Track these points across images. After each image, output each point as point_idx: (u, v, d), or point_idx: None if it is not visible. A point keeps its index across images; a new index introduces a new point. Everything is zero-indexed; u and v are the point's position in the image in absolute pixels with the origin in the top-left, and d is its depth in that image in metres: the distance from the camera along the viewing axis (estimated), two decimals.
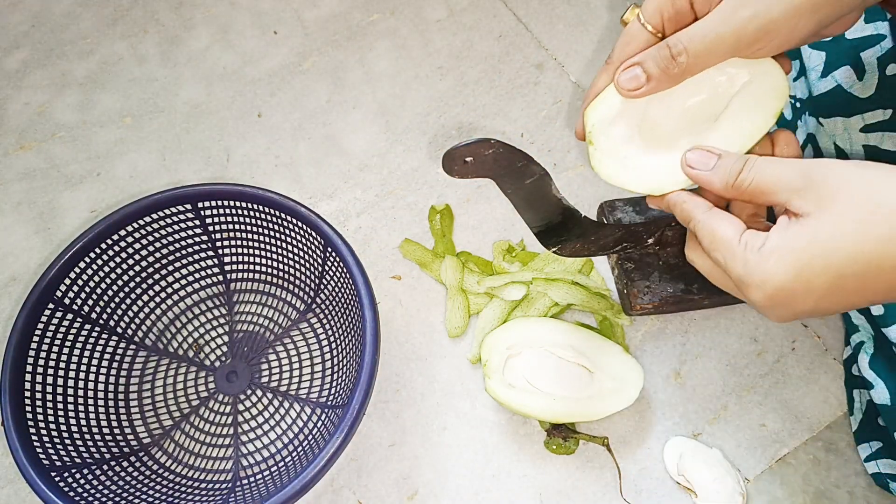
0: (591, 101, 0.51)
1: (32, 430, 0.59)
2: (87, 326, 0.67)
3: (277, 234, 0.69)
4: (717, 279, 0.47)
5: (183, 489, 0.64)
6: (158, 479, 0.65)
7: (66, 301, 0.64)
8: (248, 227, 0.70)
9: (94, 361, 0.68)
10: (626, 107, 0.50)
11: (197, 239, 0.71)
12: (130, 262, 0.69)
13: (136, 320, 0.71)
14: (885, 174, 0.39)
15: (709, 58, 0.46)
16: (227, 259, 0.73)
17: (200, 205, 0.67)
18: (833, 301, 0.41)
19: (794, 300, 0.41)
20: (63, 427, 0.62)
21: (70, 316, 0.65)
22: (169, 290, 0.73)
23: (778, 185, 0.42)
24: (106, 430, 0.66)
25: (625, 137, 0.50)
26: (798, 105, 0.73)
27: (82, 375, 0.66)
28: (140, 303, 0.71)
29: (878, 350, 0.64)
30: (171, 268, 0.72)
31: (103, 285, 0.67)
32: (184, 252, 0.71)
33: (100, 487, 0.60)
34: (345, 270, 0.63)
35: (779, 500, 0.65)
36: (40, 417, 0.61)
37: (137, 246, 0.68)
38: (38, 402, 0.61)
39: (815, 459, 0.67)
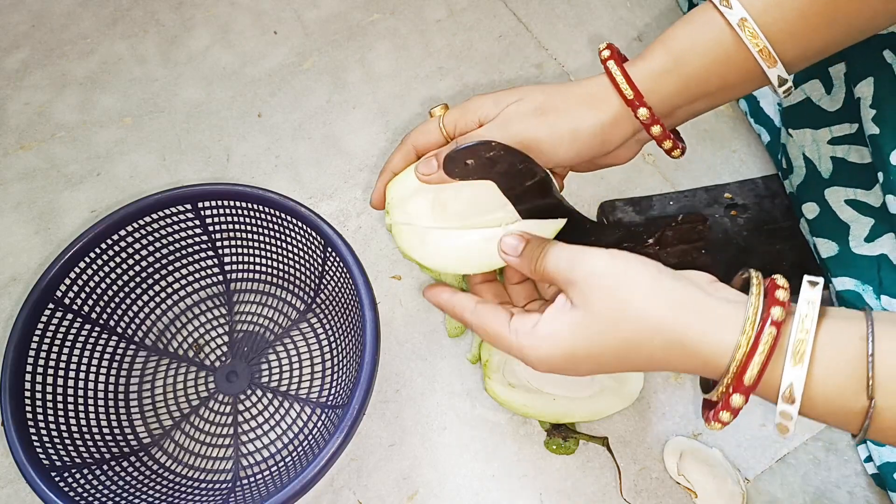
0: (387, 176, 0.58)
1: (32, 430, 0.59)
2: (87, 326, 0.67)
3: (277, 234, 0.69)
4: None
5: (183, 489, 0.64)
6: (158, 479, 0.65)
7: (66, 301, 0.64)
8: (248, 227, 0.70)
9: (94, 361, 0.68)
10: (422, 188, 0.55)
11: (197, 239, 0.71)
12: (130, 262, 0.69)
13: (136, 320, 0.71)
14: (639, 283, 0.45)
15: None
16: (227, 259, 0.73)
17: (200, 205, 0.67)
18: (600, 372, 0.48)
19: (563, 372, 0.48)
20: (63, 427, 0.62)
21: (70, 316, 0.65)
22: (169, 290, 0.73)
23: (557, 276, 0.48)
24: (106, 430, 0.66)
25: (417, 213, 0.56)
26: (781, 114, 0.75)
27: (82, 375, 0.66)
28: (140, 303, 0.71)
29: None
30: (171, 268, 0.72)
31: (103, 285, 0.67)
32: (184, 252, 0.71)
33: (100, 487, 0.60)
34: (345, 270, 0.63)
35: (779, 500, 0.65)
36: (40, 417, 0.61)
37: (137, 246, 0.68)
38: (38, 402, 0.61)
39: (815, 459, 0.67)
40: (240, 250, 0.72)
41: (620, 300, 0.45)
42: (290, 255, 0.71)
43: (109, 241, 0.66)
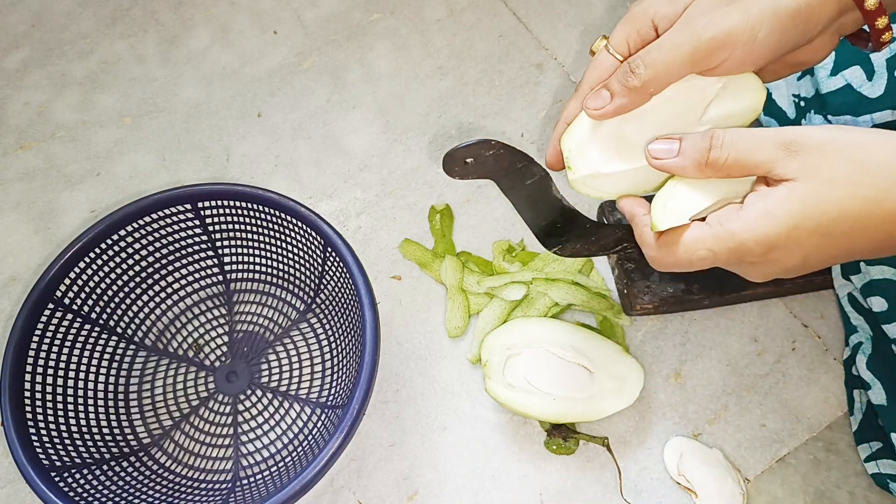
0: (561, 127, 0.51)
1: (32, 430, 0.59)
2: (87, 326, 0.67)
3: (277, 234, 0.69)
4: (711, 265, 0.46)
5: (183, 489, 0.64)
6: (158, 480, 0.65)
7: (66, 301, 0.64)
8: (248, 227, 0.70)
9: (94, 361, 0.68)
10: (600, 130, 0.50)
11: (197, 239, 0.71)
12: (130, 262, 0.69)
13: (136, 320, 0.71)
14: (869, 136, 0.40)
15: (667, 68, 0.45)
16: (226, 259, 0.73)
17: (200, 205, 0.67)
18: (819, 257, 0.42)
19: (786, 255, 0.42)
20: (63, 427, 0.62)
21: (70, 316, 0.65)
22: (169, 290, 0.73)
23: (758, 157, 0.42)
24: (106, 431, 0.66)
25: (602, 159, 0.50)
26: (802, 104, 0.73)
27: (82, 375, 0.66)
28: (140, 303, 0.71)
29: (876, 351, 0.64)
30: (170, 268, 0.72)
31: (103, 285, 0.67)
32: (184, 252, 0.71)
33: (99, 487, 0.60)
34: (345, 270, 0.63)
35: (779, 500, 0.65)
36: (40, 417, 0.61)
37: (137, 246, 0.68)
38: (38, 402, 0.61)
39: (816, 459, 0.67)
40: (240, 250, 0.72)
41: (855, 158, 0.40)
42: (290, 255, 0.71)
43: (109, 241, 0.66)
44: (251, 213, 0.68)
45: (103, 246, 0.66)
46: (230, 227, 0.70)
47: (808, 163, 0.40)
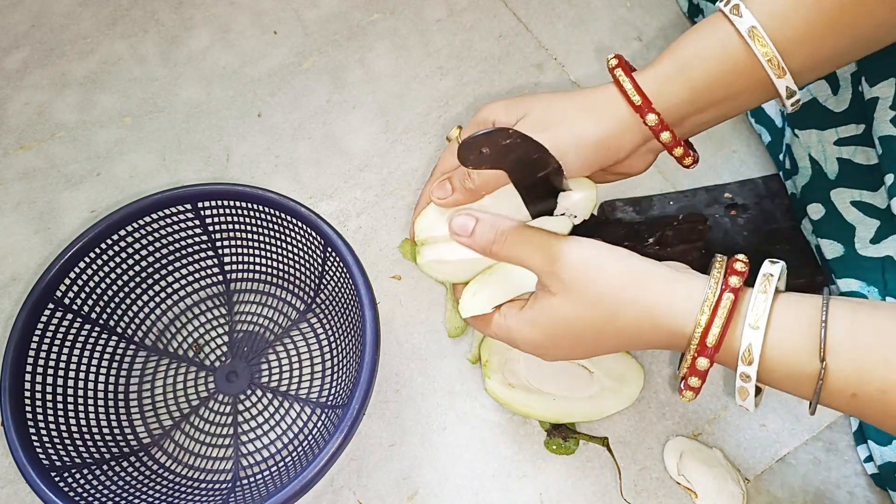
0: (422, 207, 0.60)
1: (32, 430, 0.59)
2: (87, 326, 0.67)
3: (277, 234, 0.69)
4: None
5: (183, 489, 0.64)
6: (158, 480, 0.65)
7: (66, 301, 0.64)
8: (248, 227, 0.70)
9: (94, 361, 0.68)
10: (447, 215, 0.58)
11: (197, 239, 0.71)
12: (130, 262, 0.69)
13: (136, 320, 0.71)
14: (609, 267, 0.50)
15: (495, 179, 0.56)
16: (226, 259, 0.73)
17: (200, 205, 0.67)
18: (577, 353, 0.54)
19: (549, 353, 0.55)
20: (63, 427, 0.62)
21: (70, 316, 0.65)
22: (169, 290, 0.73)
23: (530, 262, 0.52)
24: (106, 430, 0.66)
25: (447, 247, 0.58)
26: (784, 113, 0.75)
27: (82, 375, 0.66)
28: (140, 303, 0.71)
29: None
30: (170, 268, 0.72)
31: (103, 285, 0.67)
32: (184, 252, 0.71)
33: (100, 487, 0.60)
34: (345, 270, 0.63)
35: (779, 501, 0.65)
36: (40, 417, 0.61)
37: (137, 246, 0.68)
38: (38, 402, 0.61)
39: (815, 459, 0.67)
40: (240, 250, 0.72)
41: (596, 282, 0.50)
42: (290, 255, 0.71)
43: (109, 241, 0.66)
44: (251, 213, 0.68)
45: (103, 246, 0.66)
46: (230, 227, 0.70)
47: (564, 284, 0.50)
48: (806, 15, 0.48)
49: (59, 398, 0.64)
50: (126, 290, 0.70)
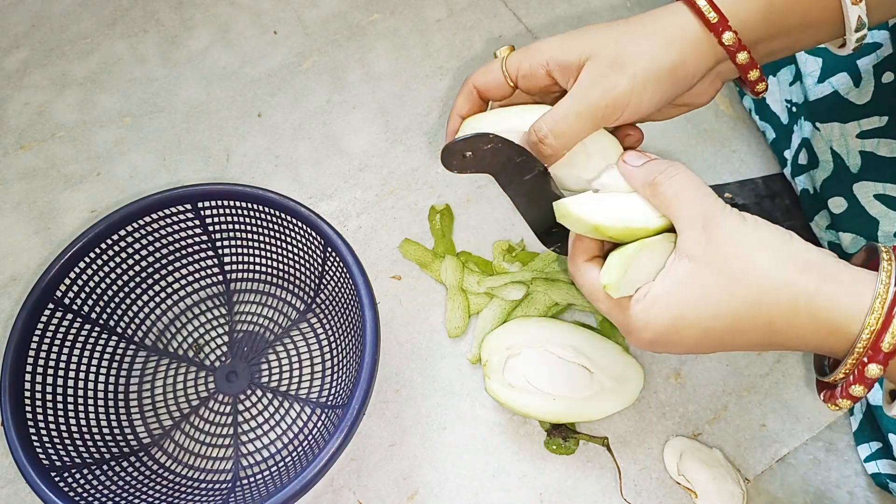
0: (455, 121, 0.55)
1: (32, 430, 0.59)
2: (87, 326, 0.67)
3: (277, 234, 0.69)
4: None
5: (183, 489, 0.64)
6: (158, 479, 0.65)
7: (66, 301, 0.64)
8: (248, 227, 0.70)
9: (94, 361, 0.68)
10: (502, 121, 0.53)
11: (197, 239, 0.71)
12: (130, 262, 0.69)
13: (137, 320, 0.71)
14: (767, 242, 0.44)
15: (573, 137, 0.51)
16: (226, 259, 0.73)
17: (200, 205, 0.67)
18: (701, 349, 0.46)
19: (667, 346, 0.46)
20: (63, 427, 0.62)
21: (70, 316, 0.65)
22: (169, 290, 0.73)
23: (682, 211, 0.46)
24: (106, 430, 0.66)
25: None
26: (794, 109, 0.74)
27: (82, 375, 0.66)
28: (140, 303, 0.71)
29: None
30: (170, 268, 0.72)
31: (103, 285, 0.67)
32: (184, 252, 0.71)
33: (100, 487, 0.60)
34: (345, 270, 0.63)
35: (779, 501, 0.65)
36: (40, 417, 0.61)
37: (137, 246, 0.68)
38: (38, 402, 0.61)
39: (815, 460, 0.67)
40: (240, 250, 0.72)
41: (746, 259, 0.43)
42: (290, 255, 0.71)
43: (109, 242, 0.66)
44: (251, 213, 0.68)
45: (103, 246, 0.66)
46: (230, 227, 0.70)
47: (707, 251, 0.44)
48: None
49: (59, 398, 0.63)
50: (126, 290, 0.70)
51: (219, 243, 0.71)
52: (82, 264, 0.65)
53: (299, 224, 0.66)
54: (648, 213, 0.49)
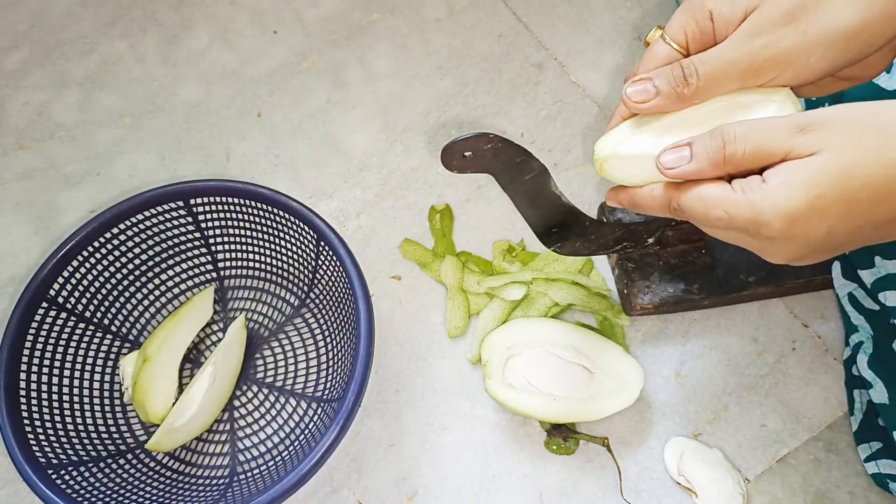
0: (616, 119, 0.50)
1: (28, 429, 0.59)
2: (82, 325, 0.67)
3: (270, 230, 0.69)
4: (733, 238, 0.45)
5: (180, 485, 0.64)
6: (155, 476, 0.65)
7: (60, 300, 0.64)
8: (241, 224, 0.70)
9: (90, 359, 0.68)
10: (638, 130, 0.48)
11: (190, 236, 0.70)
12: (123, 259, 0.69)
13: (131, 318, 0.71)
14: (883, 104, 0.40)
15: (720, 82, 0.45)
16: (220, 255, 0.73)
17: (192, 202, 0.67)
18: (844, 228, 0.40)
19: (808, 228, 0.40)
20: (59, 425, 0.62)
21: (64, 314, 0.65)
22: (163, 287, 0.73)
23: (775, 143, 0.41)
24: (102, 428, 0.66)
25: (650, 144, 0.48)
26: (816, 100, 0.72)
27: (77, 373, 0.66)
28: (134, 300, 0.71)
29: (877, 350, 0.64)
30: (164, 265, 0.72)
31: (97, 283, 0.67)
32: (177, 249, 0.71)
33: (97, 485, 0.60)
34: (338, 264, 0.63)
35: (779, 501, 0.65)
36: (36, 416, 0.61)
37: (130, 244, 0.68)
38: (34, 401, 0.61)
39: (816, 460, 0.67)
40: (233, 247, 0.72)
41: (882, 126, 0.39)
42: (284, 251, 0.71)
43: (102, 240, 0.66)
44: (244, 210, 0.68)
45: (96, 244, 0.66)
46: (223, 223, 0.70)
47: (826, 136, 0.40)
48: None
49: (55, 396, 0.64)
50: (120, 287, 0.70)
51: (212, 240, 0.71)
52: (76, 262, 0.65)
53: (292, 219, 0.66)
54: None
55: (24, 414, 0.60)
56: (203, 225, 0.70)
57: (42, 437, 0.60)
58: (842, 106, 0.41)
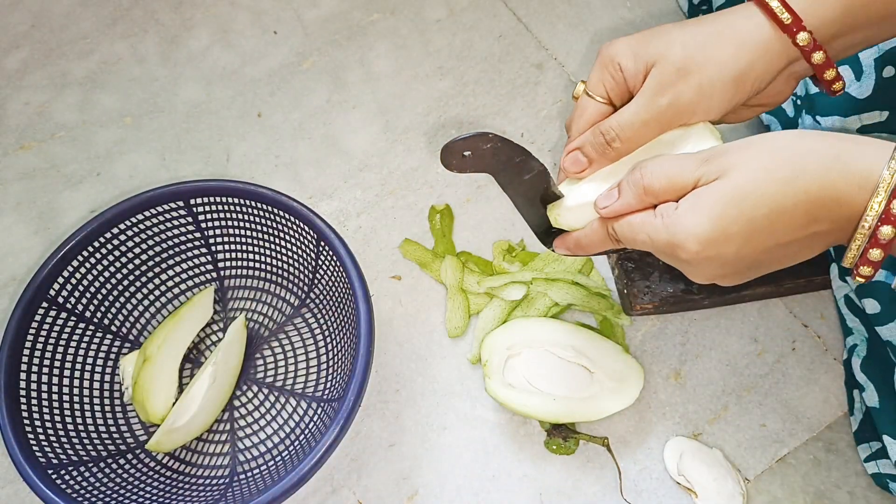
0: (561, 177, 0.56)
1: (28, 429, 0.59)
2: (82, 325, 0.67)
3: (270, 230, 0.69)
4: (667, 261, 0.49)
5: (180, 485, 0.64)
6: (155, 476, 0.65)
7: (60, 300, 0.64)
8: (241, 224, 0.70)
9: (90, 359, 0.68)
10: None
11: (190, 236, 0.71)
12: (124, 259, 0.69)
13: (131, 318, 0.71)
14: (780, 133, 0.45)
15: (639, 139, 0.52)
16: (220, 256, 0.73)
17: (193, 202, 0.68)
18: (752, 247, 0.44)
19: (717, 249, 0.44)
20: (59, 425, 0.62)
21: (64, 314, 0.65)
22: (163, 287, 0.73)
23: (684, 175, 0.46)
24: (102, 428, 0.66)
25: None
26: (799, 102, 0.73)
27: (77, 373, 0.66)
28: (134, 301, 0.71)
29: (870, 353, 0.64)
30: (164, 265, 0.72)
31: (97, 283, 0.67)
32: (177, 249, 0.71)
33: (96, 484, 0.60)
34: (338, 264, 0.63)
35: (779, 501, 0.65)
36: (36, 416, 0.61)
37: (130, 244, 0.68)
38: (34, 401, 0.61)
39: (816, 460, 0.67)
40: (233, 247, 0.72)
41: (769, 141, 0.44)
42: (284, 251, 0.71)
43: (102, 240, 0.66)
44: (244, 210, 0.68)
45: (96, 244, 0.66)
46: (223, 223, 0.70)
47: (726, 162, 0.44)
48: None
49: (55, 396, 0.64)
50: (120, 287, 0.70)
51: (212, 240, 0.71)
52: (76, 262, 0.65)
53: (292, 219, 0.66)
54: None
55: (24, 414, 0.60)
56: (203, 225, 0.70)
57: (42, 437, 0.60)
58: (745, 138, 0.45)
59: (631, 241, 0.49)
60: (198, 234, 0.71)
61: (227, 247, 0.72)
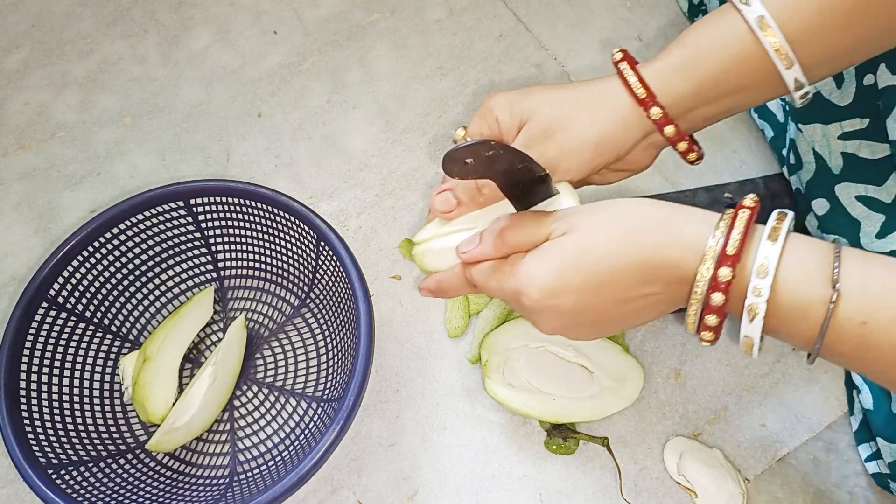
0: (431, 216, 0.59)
1: (28, 429, 0.59)
2: (82, 325, 0.67)
3: (270, 230, 0.69)
4: (510, 304, 0.53)
5: (180, 485, 0.64)
6: (155, 476, 0.65)
7: (60, 300, 0.64)
8: (241, 224, 0.70)
9: (90, 359, 0.68)
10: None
11: (190, 236, 0.71)
12: (124, 259, 0.69)
13: (131, 318, 0.71)
14: (623, 200, 0.48)
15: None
16: (220, 256, 0.73)
17: (193, 202, 0.68)
18: (589, 301, 0.47)
19: (557, 300, 0.48)
20: (59, 425, 0.62)
21: (64, 314, 0.65)
22: (163, 287, 0.73)
23: (540, 228, 0.49)
24: (102, 428, 0.66)
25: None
26: (788, 108, 0.74)
27: (77, 373, 0.66)
28: (134, 300, 0.71)
29: None
30: (164, 265, 0.72)
31: (97, 283, 0.67)
32: (177, 249, 0.71)
33: (97, 485, 0.60)
34: (338, 264, 0.63)
35: (779, 500, 0.65)
36: (36, 416, 0.61)
37: (130, 244, 0.68)
38: (34, 401, 0.61)
39: (816, 459, 0.67)
40: (233, 247, 0.72)
41: (607, 209, 0.48)
42: (284, 251, 0.71)
43: (102, 240, 0.66)
44: (244, 210, 0.68)
45: (96, 244, 0.66)
46: (223, 223, 0.70)
47: (574, 221, 0.48)
48: (819, 6, 0.47)
49: (55, 396, 0.64)
50: (120, 287, 0.70)
51: (212, 240, 0.71)
52: (76, 262, 0.65)
53: (292, 219, 0.66)
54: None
55: (24, 414, 0.60)
56: (203, 225, 0.70)
57: (42, 437, 0.60)
58: (598, 201, 0.49)
59: (484, 287, 0.53)
60: (198, 234, 0.71)
61: (227, 247, 0.72)
